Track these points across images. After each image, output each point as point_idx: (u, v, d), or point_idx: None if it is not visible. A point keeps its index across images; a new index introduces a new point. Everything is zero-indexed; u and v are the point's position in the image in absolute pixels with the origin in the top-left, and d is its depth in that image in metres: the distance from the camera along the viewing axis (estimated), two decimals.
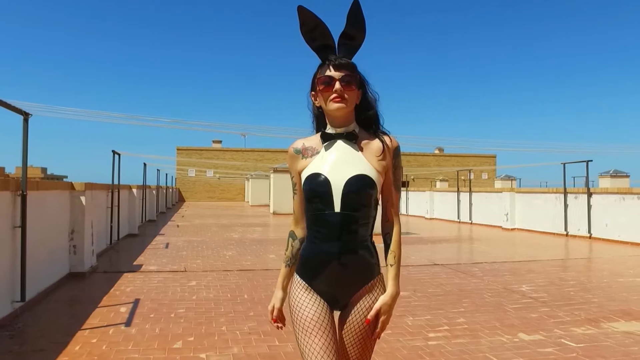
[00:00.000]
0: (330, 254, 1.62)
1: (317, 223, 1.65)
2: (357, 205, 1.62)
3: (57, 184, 6.31)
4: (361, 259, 1.65)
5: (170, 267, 7.75)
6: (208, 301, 5.45)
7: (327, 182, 1.62)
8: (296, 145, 1.76)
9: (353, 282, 1.66)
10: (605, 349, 3.95)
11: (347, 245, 1.62)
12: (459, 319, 4.86)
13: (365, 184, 1.62)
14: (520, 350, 3.92)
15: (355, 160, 1.65)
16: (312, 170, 1.66)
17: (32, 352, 3.80)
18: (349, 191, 1.61)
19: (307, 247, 1.71)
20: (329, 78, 1.63)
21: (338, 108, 1.62)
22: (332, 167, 1.64)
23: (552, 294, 5.99)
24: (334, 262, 1.62)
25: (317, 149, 1.71)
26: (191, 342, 4.03)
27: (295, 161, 1.75)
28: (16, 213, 4.71)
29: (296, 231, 1.80)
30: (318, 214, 1.63)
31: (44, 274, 5.57)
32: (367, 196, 1.63)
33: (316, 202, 1.63)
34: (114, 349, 3.81)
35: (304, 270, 1.70)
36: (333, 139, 1.68)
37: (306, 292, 1.68)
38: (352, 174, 1.62)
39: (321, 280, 1.66)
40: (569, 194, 12.73)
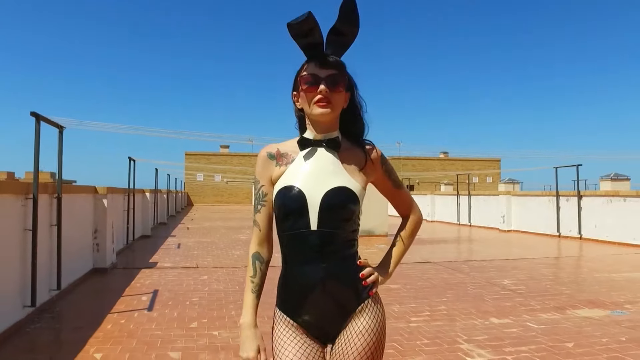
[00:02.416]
0: (312, 279, 1.41)
1: (293, 244, 1.44)
2: (337, 221, 1.41)
3: (83, 188, 7.02)
4: (346, 281, 1.44)
5: (183, 264, 8.46)
6: (218, 292, 6.13)
7: (301, 195, 1.41)
8: (270, 150, 1.53)
9: (342, 312, 1.45)
10: (561, 329, 4.57)
11: (328, 267, 1.41)
12: (440, 306, 5.49)
13: (346, 196, 1.42)
14: (488, 330, 4.55)
15: (336, 171, 1.45)
16: (285, 183, 1.45)
17: (72, 329, 4.51)
18: (327, 206, 1.40)
19: (286, 273, 1.48)
20: (313, 77, 1.41)
21: (322, 113, 1.41)
22: (308, 179, 1.43)
23: (530, 287, 6.60)
24: (318, 289, 1.41)
25: (292, 156, 1.49)
26: (205, 323, 4.70)
27: (267, 167, 1.52)
28: (52, 213, 5.42)
29: (262, 252, 1.54)
30: (293, 233, 1.43)
31: (73, 268, 6.28)
32: (348, 211, 1.42)
33: (290, 220, 1.42)
34: (140, 328, 4.50)
35: (284, 302, 1.48)
36: (312, 146, 1.47)
37: (290, 331, 1.45)
38: (330, 187, 1.42)
39: (306, 311, 1.43)
40: (561, 196, 13.31)
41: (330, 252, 1.42)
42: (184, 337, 4.23)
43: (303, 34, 1.42)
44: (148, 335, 4.29)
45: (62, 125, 5.46)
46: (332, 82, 1.42)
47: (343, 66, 1.46)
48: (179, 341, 4.13)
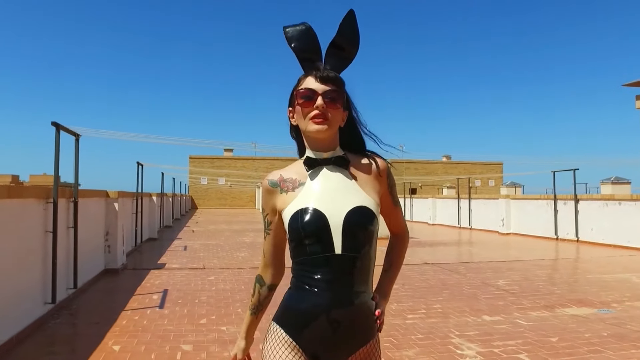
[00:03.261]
0: (318, 306, 1.31)
1: (312, 269, 1.32)
2: (360, 244, 1.33)
3: (96, 193, 7.35)
4: (358, 313, 1.34)
5: (191, 265, 8.79)
6: (225, 291, 6.45)
7: (322, 217, 1.31)
8: (272, 177, 1.44)
9: (346, 343, 1.34)
10: (548, 326, 4.86)
11: (341, 296, 1.31)
12: (436, 305, 5.78)
13: (367, 217, 1.34)
14: (479, 327, 4.84)
15: (351, 189, 1.37)
16: (298, 205, 1.35)
17: (89, 324, 4.83)
18: (351, 227, 1.32)
19: (292, 294, 1.38)
20: (310, 91, 1.35)
21: (318, 130, 1.34)
22: (325, 199, 1.34)
23: (523, 287, 6.89)
24: (322, 317, 1.31)
25: (299, 179, 1.41)
26: (213, 319, 5.01)
27: (272, 196, 1.43)
28: (69, 216, 5.75)
29: (265, 276, 1.50)
30: (314, 258, 1.32)
31: (87, 268, 6.60)
32: (370, 232, 1.35)
33: (309, 244, 1.32)
34: (153, 323, 4.82)
35: (285, 320, 1.38)
36: (319, 165, 1.40)
37: (287, 349, 1.35)
38: (351, 206, 1.33)
39: (306, 334, 1.34)
40: (559, 200, 13.58)
41: (347, 280, 1.32)
42: (195, 332, 4.55)
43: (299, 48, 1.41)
44: (161, 330, 4.61)
45: (78, 134, 5.80)
46: (330, 97, 1.35)
47: (342, 83, 1.40)
48: (189, 335, 4.44)
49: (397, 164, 47.38)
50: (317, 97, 1.34)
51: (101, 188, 7.96)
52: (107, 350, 3.98)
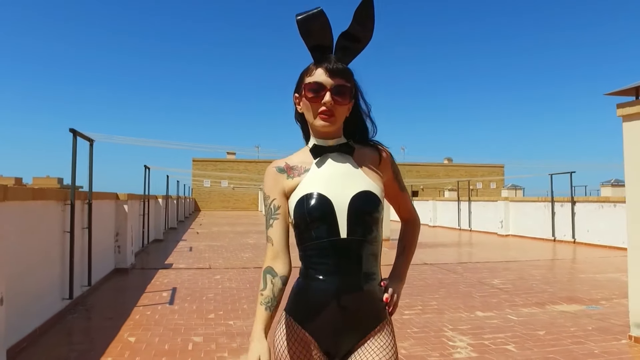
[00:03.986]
0: (328, 292, 1.32)
1: (317, 255, 1.34)
2: (366, 228, 1.35)
3: (106, 195, 7.66)
4: (367, 298, 1.36)
5: (197, 265, 9.10)
6: (231, 289, 6.75)
7: (327, 202, 1.33)
8: (278, 164, 1.46)
9: (356, 327, 1.37)
10: (537, 321, 5.14)
11: (350, 281, 1.33)
12: (432, 302, 6.07)
13: (372, 201, 1.36)
14: (472, 321, 5.13)
15: (356, 175, 1.39)
16: (304, 191, 1.36)
17: (104, 319, 5.14)
18: (356, 211, 1.33)
19: (302, 283, 1.39)
20: (318, 85, 1.35)
21: (324, 126, 1.37)
22: (331, 184, 1.36)
23: (517, 286, 7.17)
24: (332, 303, 1.33)
25: (305, 166, 1.43)
26: (221, 314, 5.32)
27: (278, 180, 1.43)
28: (84, 217, 6.06)
29: (275, 267, 1.38)
30: (318, 243, 1.33)
31: (99, 267, 6.91)
32: (375, 217, 1.37)
33: (315, 229, 1.34)
34: (164, 318, 5.13)
35: (296, 310, 1.39)
36: (325, 152, 1.42)
37: (298, 339, 1.37)
38: (356, 191, 1.35)
39: (320, 322, 1.35)
40: (556, 202, 13.85)
41: (355, 264, 1.34)
42: (204, 326, 4.85)
43: (311, 32, 1.36)
44: (172, 324, 4.91)
45: (92, 139, 6.12)
46: (339, 93, 1.35)
47: (351, 75, 1.40)
48: (199, 329, 4.74)
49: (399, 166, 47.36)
50: (325, 93, 1.34)
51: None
52: (123, 341, 4.29)
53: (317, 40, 1.37)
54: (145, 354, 3.94)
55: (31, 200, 4.21)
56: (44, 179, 67.68)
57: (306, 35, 1.37)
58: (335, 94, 1.35)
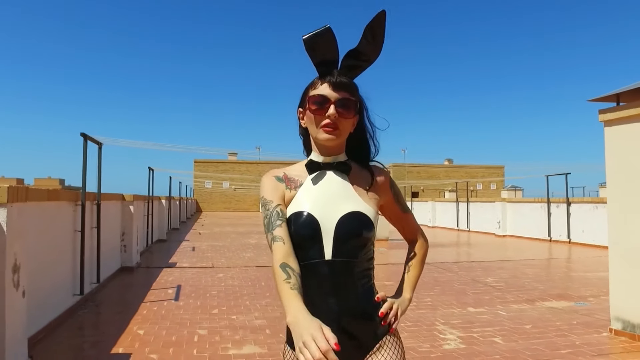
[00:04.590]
0: (327, 315, 1.26)
1: (311, 274, 1.32)
2: (353, 249, 1.33)
3: (113, 196, 7.93)
4: (365, 317, 1.34)
5: (200, 264, 9.37)
6: (234, 286, 7.02)
7: (313, 221, 1.32)
8: (277, 173, 1.45)
9: (358, 348, 1.35)
10: (525, 316, 5.40)
11: (346, 302, 1.31)
12: (427, 299, 6.33)
13: (362, 222, 1.34)
14: (463, 317, 5.38)
15: (348, 195, 1.38)
16: (294, 209, 1.36)
17: (114, 313, 5.41)
18: (342, 233, 1.32)
19: None
20: (323, 98, 1.34)
21: (327, 139, 1.35)
22: (320, 204, 1.35)
23: (509, 284, 7.42)
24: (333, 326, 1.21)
25: (300, 180, 1.41)
26: (224, 310, 5.58)
27: (278, 188, 1.40)
28: (93, 217, 6.33)
29: (291, 263, 1.27)
30: (309, 263, 1.32)
31: (106, 265, 7.18)
32: (364, 238, 1.34)
33: (302, 249, 1.32)
34: (170, 313, 5.39)
35: None
36: (321, 169, 1.41)
37: None
38: (345, 212, 1.34)
39: None
40: (552, 203, 14.11)
41: (345, 285, 1.32)
42: (208, 320, 5.12)
43: (318, 47, 1.34)
44: (178, 318, 5.18)
45: (101, 142, 6.39)
46: (343, 106, 1.33)
47: (356, 89, 1.39)
48: (204, 322, 5.01)
49: (399, 167, 47.97)
50: (329, 106, 1.33)
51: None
52: (133, 333, 4.55)
53: (323, 56, 1.36)
54: (154, 345, 4.20)
55: (46, 201, 4.48)
56: (46, 180, 68.07)
57: (312, 51, 1.35)
58: (339, 107, 1.33)
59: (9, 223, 3.17)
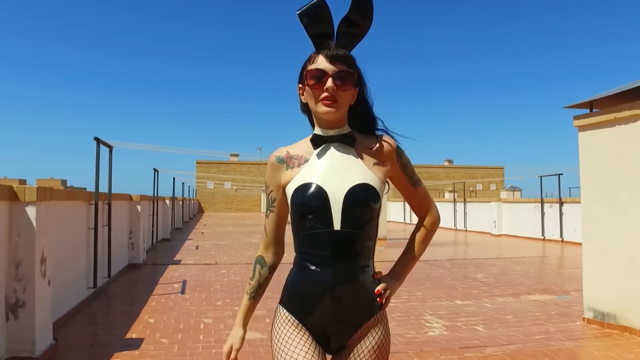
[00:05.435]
0: (322, 284, 1.33)
1: (311, 245, 1.35)
2: (361, 221, 1.35)
3: (121, 196, 8.33)
4: (361, 289, 1.37)
5: (204, 261, 9.78)
6: (236, 281, 7.42)
7: (323, 193, 1.34)
8: (279, 153, 1.47)
9: (351, 320, 1.37)
10: (508, 307, 5.79)
11: (344, 272, 1.34)
12: (417, 292, 6.72)
13: (369, 194, 1.35)
14: (451, 309, 5.77)
15: (355, 167, 1.39)
16: (302, 181, 1.37)
17: (125, 305, 5.82)
18: (351, 204, 1.33)
19: (296, 274, 1.41)
20: (320, 72, 1.35)
21: (327, 112, 1.36)
22: (328, 176, 1.37)
23: (498, 279, 7.81)
24: (327, 295, 1.34)
25: (305, 156, 1.43)
26: (228, 302, 5.98)
27: (277, 172, 1.46)
28: (104, 216, 6.74)
29: (266, 257, 1.51)
30: (312, 233, 1.35)
31: (115, 262, 7.58)
32: (371, 210, 1.36)
33: (310, 219, 1.35)
34: (177, 304, 5.80)
35: (291, 302, 1.41)
36: (326, 142, 1.41)
37: (295, 330, 1.38)
38: (353, 184, 1.35)
39: (314, 315, 1.37)
40: (545, 203, 14.49)
41: (349, 256, 1.34)
42: (213, 310, 5.52)
43: (312, 20, 1.37)
44: (185, 309, 5.58)
45: (112, 145, 6.80)
46: (341, 78, 1.34)
47: (353, 61, 1.39)
48: (209, 313, 5.41)
49: None
50: (327, 79, 1.34)
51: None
52: (144, 322, 4.96)
53: (318, 28, 1.38)
54: (164, 331, 4.61)
55: (65, 200, 4.88)
56: (48, 181, 68.65)
57: (307, 24, 1.38)
58: (337, 79, 1.34)
59: (38, 219, 3.58)
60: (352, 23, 1.39)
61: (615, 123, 4.65)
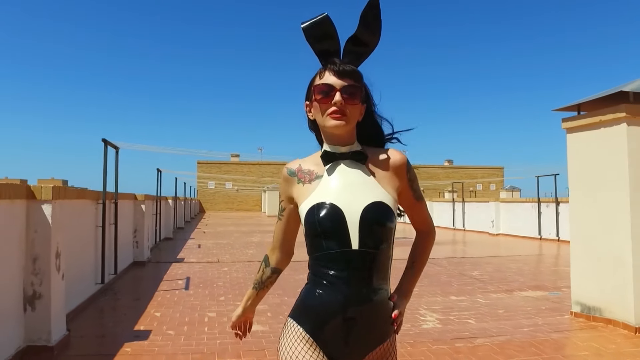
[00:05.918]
0: (335, 303, 1.31)
1: (327, 265, 1.33)
2: (378, 239, 1.32)
3: (127, 195, 8.56)
4: (376, 310, 1.33)
5: (206, 259, 10.02)
6: (238, 278, 7.65)
7: (338, 211, 1.31)
8: (291, 167, 1.47)
9: (363, 343, 1.34)
10: (501, 303, 6.01)
11: (359, 292, 1.30)
12: (414, 289, 6.93)
13: (385, 213, 1.34)
14: (445, 304, 5.99)
15: (369, 185, 1.37)
16: (315, 200, 1.35)
17: (132, 300, 6.05)
18: (368, 222, 1.31)
19: (310, 290, 1.37)
20: (328, 87, 1.34)
21: (336, 126, 1.34)
22: (342, 194, 1.34)
23: (493, 276, 8.03)
24: (339, 315, 1.31)
25: (316, 172, 1.42)
26: (230, 297, 6.21)
27: (289, 185, 1.45)
28: (111, 215, 6.97)
29: (271, 258, 1.57)
30: (328, 253, 1.32)
31: (121, 259, 7.81)
32: (388, 229, 1.34)
33: (326, 239, 1.32)
34: (182, 299, 6.03)
35: (302, 317, 1.37)
36: (337, 159, 1.40)
37: (305, 346, 1.34)
38: (369, 202, 1.33)
39: (324, 331, 1.34)
40: (542, 203, 14.71)
41: (365, 276, 1.31)
42: (216, 305, 5.75)
43: (318, 38, 1.37)
44: (189, 303, 5.81)
45: (118, 146, 7.03)
46: (349, 93, 1.34)
47: (360, 76, 1.39)
48: (213, 307, 5.64)
49: None
50: (335, 93, 1.33)
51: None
52: (151, 315, 5.19)
53: (324, 46, 1.38)
54: (170, 324, 4.84)
55: (76, 199, 5.12)
56: (49, 181, 68.99)
57: (313, 41, 1.38)
58: (345, 93, 1.34)
59: (53, 216, 3.81)
60: (359, 42, 1.39)
61: (601, 125, 4.88)
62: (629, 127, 4.61)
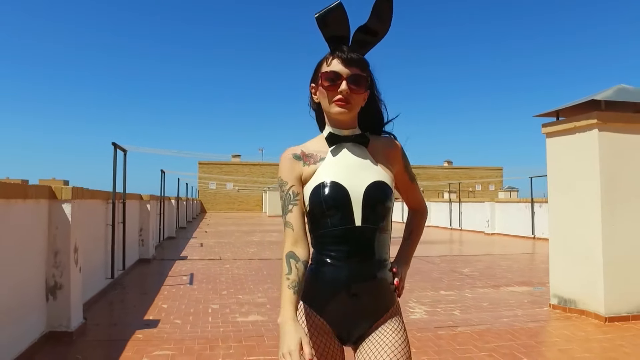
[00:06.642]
0: (339, 279, 1.37)
1: (331, 242, 1.39)
2: (379, 217, 1.40)
3: (133, 195, 8.95)
4: (379, 285, 1.41)
5: (209, 257, 10.43)
6: (239, 275, 8.05)
7: (343, 190, 1.38)
8: (294, 151, 1.48)
9: (369, 314, 1.41)
10: (487, 297, 6.40)
11: (362, 269, 1.37)
12: (406, 284, 7.30)
13: (385, 191, 1.42)
14: (434, 297, 6.38)
15: (370, 166, 1.45)
16: (320, 179, 1.41)
17: (140, 294, 6.46)
18: (370, 200, 1.38)
19: (315, 270, 1.42)
20: (335, 74, 1.39)
21: (340, 112, 1.41)
22: (346, 174, 1.41)
23: (483, 273, 8.42)
24: (344, 290, 1.37)
25: (320, 154, 1.47)
26: (232, 291, 6.61)
27: (295, 167, 1.45)
28: (119, 214, 7.37)
29: (297, 252, 1.39)
30: (333, 230, 1.38)
31: (128, 256, 8.21)
32: (388, 206, 1.43)
33: (331, 216, 1.38)
34: (187, 293, 6.43)
35: (309, 295, 1.42)
36: (340, 142, 1.46)
37: (314, 325, 1.41)
38: (371, 181, 1.41)
39: (330, 309, 1.40)
40: (535, 203, 15.10)
41: (369, 252, 1.38)
42: (219, 298, 6.15)
43: (329, 23, 1.41)
44: (194, 297, 6.21)
45: (125, 149, 7.42)
46: (354, 82, 1.39)
47: (367, 65, 1.45)
48: (215, 300, 6.04)
49: None
50: (341, 82, 1.38)
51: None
52: (158, 307, 5.59)
53: (334, 31, 1.42)
54: (177, 314, 5.24)
55: (89, 199, 5.51)
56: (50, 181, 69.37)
57: (324, 26, 1.42)
58: (351, 82, 1.39)
59: (72, 214, 4.20)
60: (370, 31, 1.44)
61: (576, 131, 5.26)
62: (600, 132, 4.99)
